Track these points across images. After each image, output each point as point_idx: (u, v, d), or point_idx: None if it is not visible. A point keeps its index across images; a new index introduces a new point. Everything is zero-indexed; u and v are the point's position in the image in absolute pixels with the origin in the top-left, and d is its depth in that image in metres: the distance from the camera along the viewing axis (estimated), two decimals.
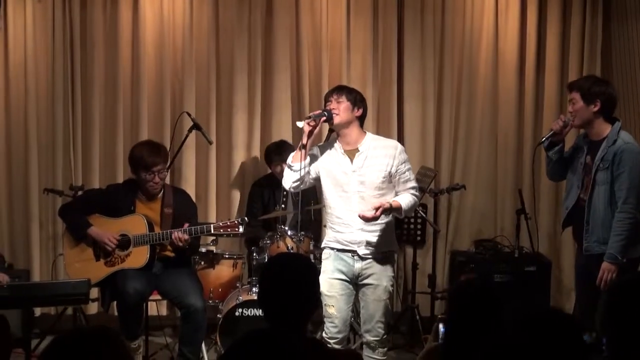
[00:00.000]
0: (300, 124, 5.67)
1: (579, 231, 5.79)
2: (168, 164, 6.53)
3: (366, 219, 5.33)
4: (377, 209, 5.28)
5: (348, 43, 8.08)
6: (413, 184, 5.61)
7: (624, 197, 5.48)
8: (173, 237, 6.04)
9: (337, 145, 5.61)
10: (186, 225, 6.10)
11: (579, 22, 8.16)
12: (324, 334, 5.60)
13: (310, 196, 7.30)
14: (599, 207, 5.58)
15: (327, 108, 5.55)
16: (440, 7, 8.19)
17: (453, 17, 8.21)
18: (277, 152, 7.30)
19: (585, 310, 5.72)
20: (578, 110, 5.61)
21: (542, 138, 5.94)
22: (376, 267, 5.53)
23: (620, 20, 8.12)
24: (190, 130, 6.99)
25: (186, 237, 6.05)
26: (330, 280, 5.55)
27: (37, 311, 7.48)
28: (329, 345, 5.49)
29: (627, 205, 5.47)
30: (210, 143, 7.45)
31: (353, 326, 6.46)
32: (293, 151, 5.82)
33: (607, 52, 8.26)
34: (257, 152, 8.09)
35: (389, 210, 5.38)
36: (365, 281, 5.55)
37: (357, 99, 5.59)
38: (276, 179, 7.38)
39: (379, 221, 5.46)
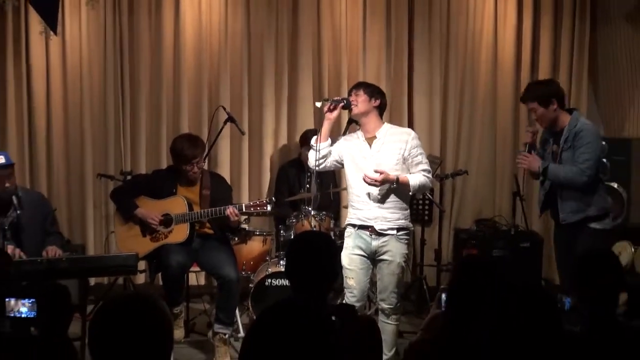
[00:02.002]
0: (318, 104, 5.73)
1: (555, 210, 5.81)
2: (205, 153, 6.53)
3: (366, 182, 5.36)
4: (380, 173, 5.31)
5: (364, 44, 8.07)
6: (425, 166, 5.57)
7: (581, 161, 5.49)
8: (228, 211, 6.04)
9: (359, 133, 5.64)
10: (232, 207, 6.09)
11: (569, 26, 8.14)
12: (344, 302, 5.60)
13: (330, 180, 7.31)
14: None
15: (347, 97, 5.59)
16: (446, 13, 8.18)
17: (457, 21, 8.20)
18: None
19: (567, 277, 5.74)
20: (541, 115, 5.63)
21: (522, 150, 5.93)
22: (391, 245, 5.51)
23: (605, 25, 8.14)
24: (225, 122, 6.97)
25: (238, 215, 6.09)
26: (351, 256, 5.56)
27: (92, 281, 7.52)
28: None
29: (583, 165, 5.48)
30: (243, 134, 7.44)
31: (369, 295, 6.46)
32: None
33: (594, 53, 8.25)
34: (284, 141, 8.10)
35: (392, 181, 5.38)
36: (382, 257, 5.53)
37: (374, 92, 5.59)
38: (301, 164, 7.39)
39: (391, 198, 5.49)
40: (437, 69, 8.17)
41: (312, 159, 5.67)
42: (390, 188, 5.46)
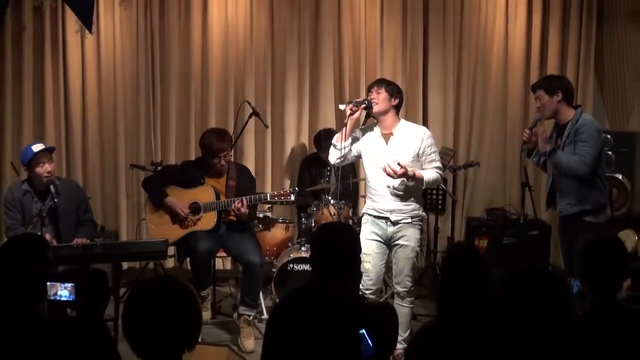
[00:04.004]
0: (342, 106, 5.69)
1: (556, 201, 5.82)
2: (232, 145, 6.53)
3: (386, 172, 5.35)
4: (401, 167, 5.30)
5: (382, 42, 8.02)
6: (437, 164, 5.57)
7: (583, 153, 5.45)
8: (233, 206, 6.07)
9: (376, 128, 5.62)
10: (243, 200, 6.11)
11: (576, 25, 8.05)
12: (361, 286, 5.59)
13: (349, 171, 7.30)
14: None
15: (368, 98, 5.54)
16: (459, 11, 8.12)
17: (470, 19, 8.14)
18: (325, 140, 7.24)
19: (571, 264, 5.76)
20: (545, 103, 5.66)
21: (521, 150, 5.95)
22: (406, 231, 5.53)
23: (611, 25, 8.07)
24: (250, 116, 6.99)
25: (244, 209, 6.08)
26: (368, 241, 5.56)
27: (125, 265, 7.55)
28: (365, 295, 5.52)
29: (584, 158, 5.44)
30: (267, 127, 7.47)
31: (385, 280, 6.47)
32: None
33: (600, 51, 8.16)
34: (305, 134, 8.08)
35: (410, 177, 5.36)
36: (397, 242, 5.55)
37: (394, 91, 5.56)
38: (321, 158, 7.38)
39: (406, 192, 5.49)
40: (451, 66, 8.12)
41: (333, 156, 5.67)
42: (406, 183, 5.46)
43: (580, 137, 5.48)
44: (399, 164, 5.32)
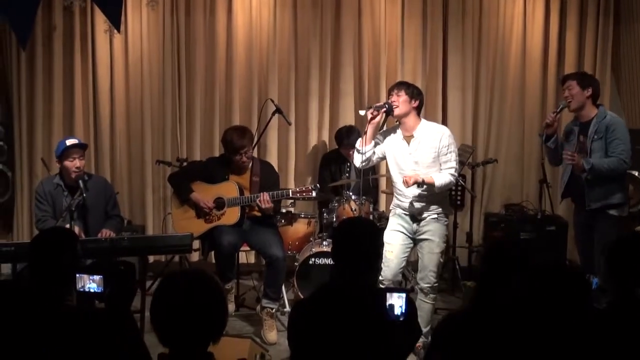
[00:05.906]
0: (362, 112, 5.66)
1: (578, 195, 5.80)
2: (254, 142, 6.50)
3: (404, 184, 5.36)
4: (406, 179, 5.31)
5: (402, 43, 7.95)
6: (452, 164, 5.42)
7: (619, 151, 5.50)
8: (260, 199, 6.02)
9: (398, 131, 5.54)
10: (266, 195, 6.07)
11: (593, 25, 7.96)
12: (380, 277, 5.53)
13: (369, 168, 7.26)
14: None
15: (388, 101, 5.45)
16: (478, 13, 8.03)
17: (488, 20, 8.05)
18: (347, 136, 7.21)
19: (588, 258, 5.74)
20: (575, 94, 5.66)
21: (540, 133, 5.94)
22: (431, 226, 5.46)
23: (628, 24, 7.96)
24: (273, 114, 6.96)
25: (268, 205, 6.03)
26: (393, 232, 5.53)
27: (151, 258, 7.56)
28: (382, 285, 5.48)
29: (622, 156, 5.50)
30: (290, 124, 7.43)
31: (404, 273, 6.42)
32: (360, 136, 5.80)
33: (617, 50, 8.08)
34: (326, 131, 8.02)
35: (421, 184, 5.31)
36: (422, 237, 5.48)
37: (414, 93, 5.46)
38: (342, 154, 7.34)
39: (428, 193, 5.42)
40: (470, 65, 8.03)
41: (357, 160, 5.60)
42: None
43: (614, 135, 5.51)
44: (404, 179, 5.33)
